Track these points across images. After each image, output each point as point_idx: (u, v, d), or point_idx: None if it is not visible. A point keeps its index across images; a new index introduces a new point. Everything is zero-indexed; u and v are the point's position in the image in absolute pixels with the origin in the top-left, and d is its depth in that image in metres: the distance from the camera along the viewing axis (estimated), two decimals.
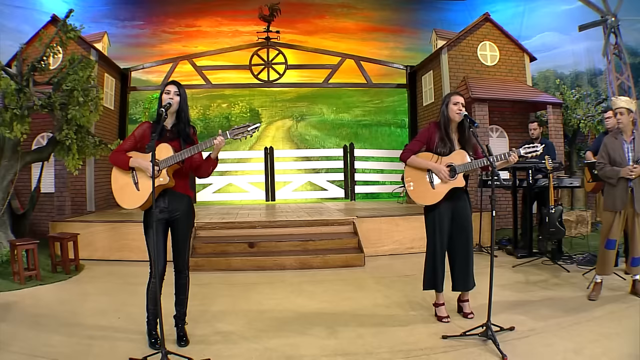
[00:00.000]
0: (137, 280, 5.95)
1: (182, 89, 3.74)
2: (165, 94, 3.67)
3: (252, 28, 12.40)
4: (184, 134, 3.72)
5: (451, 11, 14.00)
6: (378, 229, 7.74)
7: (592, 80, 13.00)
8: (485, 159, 4.17)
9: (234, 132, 3.60)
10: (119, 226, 7.43)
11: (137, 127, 3.79)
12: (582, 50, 12.93)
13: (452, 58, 9.92)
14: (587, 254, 6.54)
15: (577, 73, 13.49)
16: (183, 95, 3.73)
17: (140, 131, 3.74)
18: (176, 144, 3.67)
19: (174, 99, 3.66)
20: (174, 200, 3.71)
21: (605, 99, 10.03)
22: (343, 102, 14.08)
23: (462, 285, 4.42)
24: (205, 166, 3.78)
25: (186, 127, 3.75)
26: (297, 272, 6.49)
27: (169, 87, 3.69)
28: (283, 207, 10.47)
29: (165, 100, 3.63)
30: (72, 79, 6.61)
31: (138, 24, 13.61)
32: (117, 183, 3.75)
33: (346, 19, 14.07)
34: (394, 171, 12.37)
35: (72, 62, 6.82)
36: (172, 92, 3.67)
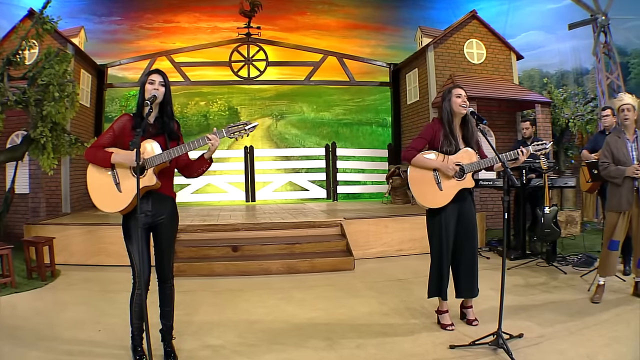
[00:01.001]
0: (116, 287, 5.62)
1: (167, 78, 3.39)
2: (149, 84, 3.29)
3: (232, 24, 12.02)
4: (168, 128, 3.36)
5: (434, 9, 13.82)
6: (366, 230, 7.47)
7: (578, 80, 12.99)
8: (494, 158, 3.94)
9: (230, 131, 3.27)
10: (96, 229, 7.01)
11: (116, 120, 3.39)
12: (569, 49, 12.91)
13: (438, 56, 9.71)
14: (582, 255, 6.38)
15: (563, 72, 13.46)
16: (168, 85, 3.37)
17: (120, 124, 3.33)
18: (161, 139, 3.32)
19: (159, 89, 3.29)
20: (158, 203, 3.35)
21: (594, 98, 9.97)
22: (324, 101, 13.78)
23: (468, 292, 4.17)
24: (196, 166, 3.45)
25: (170, 122, 3.39)
26: (284, 277, 6.17)
27: (153, 76, 3.32)
28: (264, 208, 10.13)
29: (149, 91, 3.26)
30: (48, 73, 6.20)
31: (115, 19, 13.14)
32: (95, 183, 3.34)
33: (327, 16, 13.78)
34: (375, 171, 12.15)
35: (48, 55, 6.40)
36: (157, 82, 3.30)
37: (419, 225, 7.63)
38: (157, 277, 3.45)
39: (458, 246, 4.13)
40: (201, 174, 3.51)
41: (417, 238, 7.65)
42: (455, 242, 4.13)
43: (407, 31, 13.30)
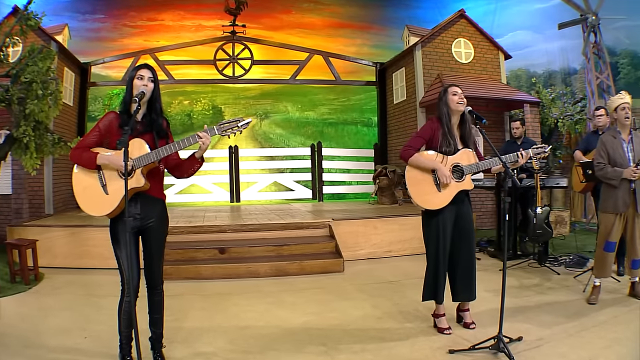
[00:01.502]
0: (101, 291, 5.44)
1: (156, 74, 3.21)
2: (137, 79, 3.12)
3: (216, 22, 11.84)
4: (156, 126, 3.19)
5: (420, 8, 13.77)
6: (355, 231, 7.36)
7: (566, 79, 13.04)
8: (495, 159, 3.86)
9: (222, 128, 3.12)
10: (79, 231, 6.78)
11: (102, 118, 3.21)
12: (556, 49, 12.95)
13: (426, 55, 9.64)
14: (574, 256, 6.34)
15: (551, 72, 13.51)
16: (157, 81, 3.20)
17: (106, 122, 3.15)
18: (149, 138, 3.14)
19: (148, 85, 3.12)
20: (147, 205, 3.18)
21: (583, 98, 9.98)
22: (309, 100, 13.65)
23: (465, 296, 4.08)
24: (187, 166, 3.28)
25: (159, 119, 3.21)
26: (273, 280, 6.01)
27: (142, 71, 3.14)
28: (250, 208, 9.95)
29: (138, 87, 3.09)
30: (31, 71, 5.98)
31: (99, 17, 12.88)
32: (80, 185, 3.16)
33: (313, 15, 13.64)
34: (361, 171, 12.05)
35: (32, 52, 6.18)
36: (147, 77, 3.12)
37: (408, 226, 7.61)
38: (146, 282, 3.28)
39: (455, 249, 4.04)
40: (192, 174, 3.35)
41: (406, 239, 7.57)
42: (452, 245, 4.03)
43: (392, 30, 13.25)
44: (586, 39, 9.01)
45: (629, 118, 4.60)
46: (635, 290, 4.80)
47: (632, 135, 4.66)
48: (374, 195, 10.56)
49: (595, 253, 4.91)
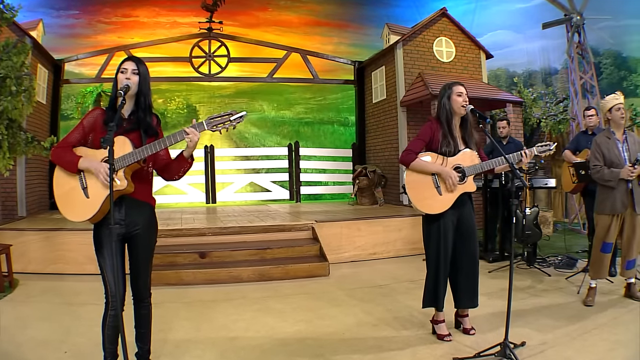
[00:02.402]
0: (78, 299, 5.12)
1: (142, 66, 2.94)
2: (121, 73, 2.86)
3: (191, 19, 11.54)
4: (144, 124, 2.92)
5: (399, 7, 13.69)
6: (338, 234, 7.16)
7: (546, 79, 13.11)
8: (499, 159, 3.72)
9: (212, 123, 2.84)
10: (54, 235, 6.40)
11: (87, 115, 2.94)
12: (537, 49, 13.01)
13: (407, 53, 9.51)
14: (563, 257, 6.29)
15: (531, 72, 13.57)
16: (144, 73, 2.91)
17: (91, 120, 2.88)
18: (135, 136, 2.88)
19: (132, 78, 2.85)
20: (133, 210, 2.90)
21: (566, 98, 10.00)
22: (285, 99, 13.41)
23: (468, 302, 3.92)
24: (175, 166, 3.01)
25: (147, 116, 2.94)
26: (257, 285, 5.76)
27: (125, 64, 2.88)
28: (227, 210, 9.66)
29: (121, 82, 2.82)
30: (5, 66, 5.64)
31: (73, 13, 12.45)
32: (61, 188, 2.87)
33: (290, 12, 13.41)
34: (339, 171, 11.86)
35: (6, 47, 5.82)
36: (130, 70, 2.86)
37: (392, 228, 7.46)
38: (132, 295, 3.00)
39: (457, 254, 3.87)
40: (182, 176, 3.09)
41: (390, 241, 7.43)
42: (454, 250, 3.86)
43: (370, 29, 13.14)
44: (570, 39, 9.01)
45: (624, 118, 4.57)
46: (631, 291, 4.76)
47: (627, 135, 4.62)
48: (354, 196, 10.39)
49: (592, 254, 4.83)
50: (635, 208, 4.49)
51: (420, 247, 7.44)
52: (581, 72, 8.98)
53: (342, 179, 11.97)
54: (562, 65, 12.92)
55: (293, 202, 11.45)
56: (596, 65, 9.17)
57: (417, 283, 5.75)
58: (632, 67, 12.08)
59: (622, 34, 11.19)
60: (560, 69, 13.00)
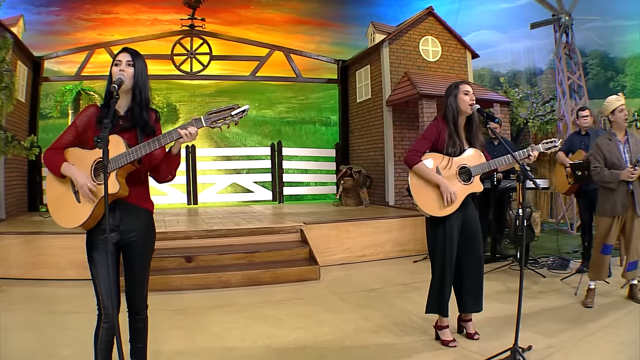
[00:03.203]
0: (61, 307, 4.85)
1: (138, 58, 2.71)
2: (115, 65, 2.65)
3: (172, 17, 11.28)
4: (141, 120, 2.69)
5: (382, 6, 13.59)
6: (327, 236, 7.00)
7: (531, 80, 13.17)
8: (505, 158, 3.62)
9: (210, 119, 2.61)
10: (34, 239, 6.10)
11: (80, 113, 2.72)
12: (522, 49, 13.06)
13: (393, 52, 9.40)
14: (555, 258, 6.23)
15: (515, 72, 13.61)
16: (139, 66, 2.69)
17: (84, 119, 2.66)
18: (131, 135, 2.66)
19: (126, 71, 2.63)
20: (128, 216, 2.67)
21: (553, 98, 10.01)
22: (266, 98, 13.20)
23: (473, 306, 3.80)
24: (165, 166, 2.76)
25: (143, 112, 2.70)
26: (247, 291, 5.57)
27: (120, 55, 2.67)
28: (210, 211, 9.41)
29: (115, 75, 2.61)
30: None
31: (54, 10, 12.05)
32: (53, 192, 2.67)
33: (272, 10, 13.19)
34: (322, 171, 11.71)
35: None
36: (124, 62, 2.64)
37: (381, 229, 7.34)
38: (127, 307, 2.78)
39: (462, 256, 3.75)
40: (175, 175, 2.85)
41: (379, 243, 7.31)
42: (458, 252, 3.74)
43: (352, 28, 13.02)
44: (559, 40, 9.01)
45: (627, 119, 4.57)
46: (633, 292, 4.73)
47: (628, 136, 4.58)
48: (338, 196, 10.26)
49: (592, 255, 4.80)
50: (636, 210, 4.45)
51: (409, 249, 7.49)
52: (569, 73, 9.00)
53: (325, 180, 11.83)
54: (547, 65, 13.00)
55: (276, 203, 11.26)
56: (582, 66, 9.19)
57: (409, 287, 5.66)
58: (619, 68, 12.22)
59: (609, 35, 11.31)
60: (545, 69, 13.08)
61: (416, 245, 7.53)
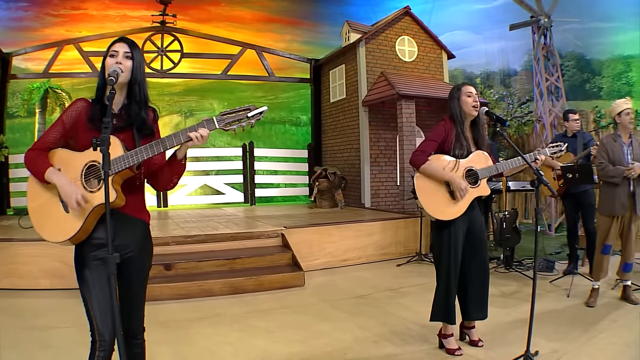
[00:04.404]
0: (40, 321, 4.49)
1: (136, 49, 2.41)
2: (110, 57, 2.33)
3: (142, 13, 10.96)
4: (138, 120, 2.38)
5: (353, 5, 13.46)
6: (308, 240, 6.80)
7: (505, 81, 13.26)
8: (514, 160, 3.52)
9: (224, 120, 2.34)
10: (5, 246, 5.68)
11: (68, 108, 2.38)
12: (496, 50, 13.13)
13: (369, 52, 9.27)
14: (541, 260, 6.21)
15: (489, 73, 13.68)
16: (138, 58, 2.38)
17: (73, 114, 2.33)
18: (127, 136, 2.35)
19: (124, 64, 2.31)
20: (123, 229, 2.33)
21: (530, 100, 10.07)
22: (235, 97, 12.87)
23: (478, 314, 3.68)
24: (168, 172, 2.46)
25: (142, 110, 2.40)
26: (230, 300, 5.30)
27: (116, 46, 2.35)
28: (182, 215, 9.06)
29: (110, 67, 2.28)
30: None
31: (23, 5, 11.46)
32: (35, 199, 2.33)
33: (242, 8, 12.87)
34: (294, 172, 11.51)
35: None
36: (121, 53, 2.33)
37: (364, 233, 7.19)
38: (123, 330, 2.45)
39: (466, 262, 3.62)
40: (177, 183, 2.54)
41: (361, 246, 7.16)
42: (463, 258, 3.61)
43: (324, 26, 12.87)
44: (537, 41, 9.06)
45: (632, 122, 4.64)
46: (627, 293, 4.78)
47: (632, 139, 4.67)
48: (312, 198, 10.07)
49: (595, 257, 4.85)
50: (636, 210, 4.52)
51: (391, 253, 7.36)
52: (547, 74, 9.06)
53: (297, 181, 11.64)
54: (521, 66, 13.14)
55: (248, 205, 10.99)
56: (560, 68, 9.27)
57: (399, 292, 5.53)
58: (596, 70, 12.45)
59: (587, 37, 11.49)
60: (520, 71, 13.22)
61: (398, 249, 7.42)
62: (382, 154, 9.56)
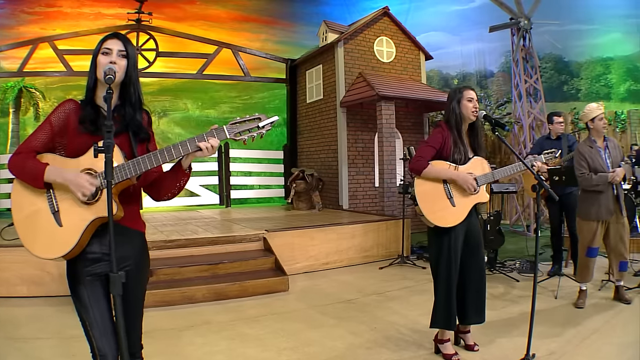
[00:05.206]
0: (20, 331, 4.30)
1: (131, 47, 2.23)
2: (102, 54, 2.15)
3: (116, 11, 10.72)
4: (134, 123, 2.22)
5: (329, 5, 13.40)
6: (290, 243, 6.71)
7: (481, 82, 13.39)
8: (513, 167, 3.52)
9: (234, 130, 2.20)
10: None
11: (56, 110, 2.19)
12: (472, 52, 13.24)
13: (347, 52, 9.23)
14: (522, 261, 6.27)
15: (465, 74, 13.80)
16: (133, 57, 2.22)
17: (62, 116, 2.16)
18: (122, 141, 2.18)
19: (119, 63, 2.15)
20: (120, 242, 2.08)
21: (508, 101, 10.18)
22: (209, 97, 12.67)
23: (476, 318, 3.66)
24: (170, 181, 2.32)
25: (137, 113, 2.25)
26: (215, 306, 5.17)
27: (109, 42, 2.17)
28: (158, 217, 8.83)
29: (103, 65, 2.11)
30: None
31: None
32: (21, 210, 2.12)
33: (218, 7, 12.66)
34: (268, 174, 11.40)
35: None
36: (115, 51, 2.15)
37: (346, 235, 7.14)
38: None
39: (464, 267, 3.60)
40: (177, 193, 2.40)
41: (343, 249, 7.11)
42: (461, 263, 3.58)
43: (299, 26, 12.79)
44: (517, 43, 9.16)
45: (606, 127, 4.69)
46: (620, 293, 4.84)
47: (607, 142, 4.72)
48: (290, 200, 9.97)
49: (578, 259, 4.92)
50: (622, 212, 4.61)
51: (372, 255, 7.32)
52: (526, 76, 9.17)
53: (272, 182, 11.52)
54: (498, 68, 13.32)
55: (223, 207, 10.81)
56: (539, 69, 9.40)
57: (385, 296, 5.50)
58: (573, 72, 12.71)
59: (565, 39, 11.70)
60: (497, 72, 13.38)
61: (379, 251, 7.40)
62: (359, 155, 9.54)
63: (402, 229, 7.27)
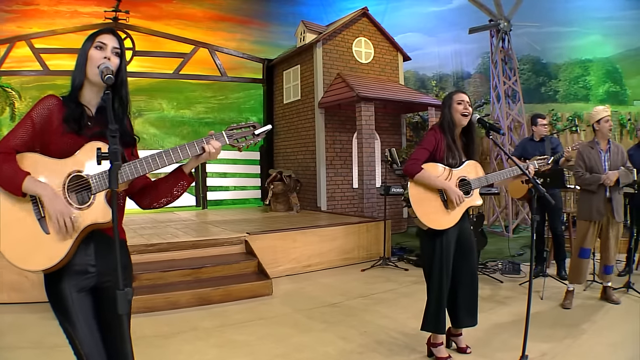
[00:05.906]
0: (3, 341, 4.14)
1: (123, 46, 2.16)
2: (96, 49, 2.05)
3: (93, 9, 10.49)
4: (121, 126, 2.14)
5: (305, 5, 13.33)
6: (272, 246, 6.64)
7: (458, 83, 13.50)
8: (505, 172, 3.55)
9: (232, 136, 2.18)
10: None
11: (38, 105, 2.03)
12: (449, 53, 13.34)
13: (326, 53, 9.20)
14: (504, 262, 6.34)
15: (442, 75, 13.89)
16: (124, 57, 2.15)
17: (44, 112, 2.01)
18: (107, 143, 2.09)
19: (113, 61, 2.06)
20: (105, 252, 2.08)
21: (486, 102, 10.28)
22: (185, 97, 12.47)
23: (469, 321, 3.69)
24: (166, 187, 2.23)
25: (124, 116, 2.19)
26: (200, 312, 5.07)
27: (104, 37, 2.06)
28: (135, 219, 8.64)
29: (96, 60, 2.02)
30: None
31: None
32: (2, 216, 1.94)
33: (194, 5, 12.45)
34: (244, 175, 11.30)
35: None
36: (110, 48, 2.06)
37: (327, 238, 7.12)
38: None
39: (457, 270, 3.62)
40: (173, 200, 2.31)
41: (324, 252, 7.09)
42: (454, 266, 3.60)
43: (275, 26, 12.71)
44: (497, 45, 9.25)
45: (611, 129, 4.77)
46: (607, 294, 4.93)
47: (610, 145, 4.79)
48: (267, 202, 9.89)
49: (571, 260, 4.97)
50: (614, 215, 4.68)
51: (353, 257, 7.32)
52: (504, 78, 9.29)
53: (248, 183, 11.43)
54: (475, 69, 13.47)
55: (200, 208, 10.67)
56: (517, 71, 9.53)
57: (371, 298, 5.49)
58: (552, 74, 12.92)
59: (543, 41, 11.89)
60: (474, 73, 13.53)
61: (360, 253, 7.39)
62: (337, 156, 9.53)
63: (383, 230, 7.26)
